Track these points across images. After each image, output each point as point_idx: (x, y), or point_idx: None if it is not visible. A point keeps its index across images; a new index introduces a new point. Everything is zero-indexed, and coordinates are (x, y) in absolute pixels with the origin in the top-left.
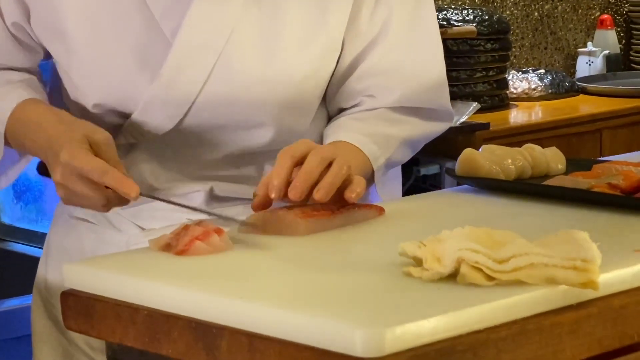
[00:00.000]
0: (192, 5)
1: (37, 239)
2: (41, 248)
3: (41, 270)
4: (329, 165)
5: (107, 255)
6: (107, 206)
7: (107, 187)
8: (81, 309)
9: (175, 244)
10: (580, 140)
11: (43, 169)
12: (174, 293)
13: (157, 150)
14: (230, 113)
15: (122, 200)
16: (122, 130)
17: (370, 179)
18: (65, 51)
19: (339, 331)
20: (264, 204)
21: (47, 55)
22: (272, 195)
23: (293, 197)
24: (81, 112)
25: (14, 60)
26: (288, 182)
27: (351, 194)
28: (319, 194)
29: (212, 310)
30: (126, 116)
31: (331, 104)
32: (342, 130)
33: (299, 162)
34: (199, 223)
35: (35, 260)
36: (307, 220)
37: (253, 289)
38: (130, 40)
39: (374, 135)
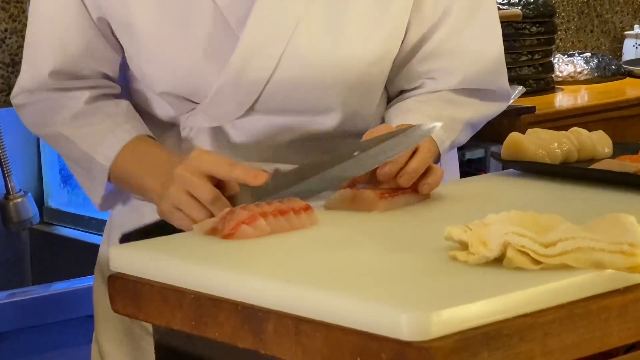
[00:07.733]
0: None
1: (84, 223)
2: (88, 232)
3: (103, 251)
4: (414, 151)
5: (153, 239)
6: (214, 204)
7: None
8: (128, 292)
9: (221, 228)
10: (627, 124)
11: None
12: (220, 277)
13: (225, 136)
14: (298, 98)
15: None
16: (191, 116)
17: (435, 162)
18: (133, 42)
19: (385, 315)
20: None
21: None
22: (360, 179)
23: (382, 180)
24: (148, 99)
25: (104, 62)
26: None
27: (423, 187)
28: (403, 180)
29: (258, 293)
30: (194, 104)
31: (392, 86)
32: (409, 113)
33: None
34: (245, 207)
35: (81, 244)
36: (387, 200)
37: (299, 273)
38: (197, 32)
39: (440, 119)
